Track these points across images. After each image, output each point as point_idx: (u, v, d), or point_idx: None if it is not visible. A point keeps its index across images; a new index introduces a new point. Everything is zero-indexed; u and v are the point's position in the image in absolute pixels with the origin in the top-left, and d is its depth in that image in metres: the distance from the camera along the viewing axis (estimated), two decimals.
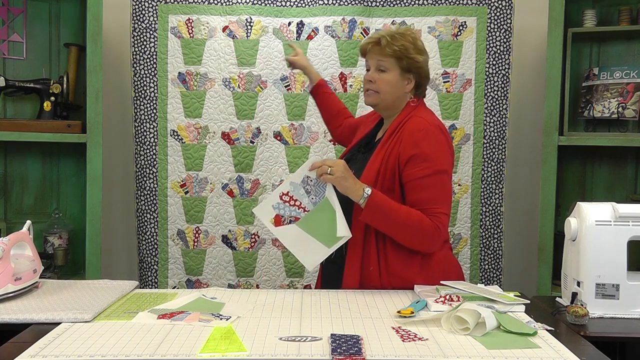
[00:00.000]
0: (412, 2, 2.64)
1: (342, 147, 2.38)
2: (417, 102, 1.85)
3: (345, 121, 2.20)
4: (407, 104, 1.84)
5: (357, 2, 2.62)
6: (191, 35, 2.63)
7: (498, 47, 2.63)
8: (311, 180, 1.72)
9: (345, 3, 2.62)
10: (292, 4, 2.64)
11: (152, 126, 2.64)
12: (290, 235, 1.72)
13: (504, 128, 2.65)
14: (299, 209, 1.72)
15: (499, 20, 2.62)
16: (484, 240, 2.68)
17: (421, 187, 1.71)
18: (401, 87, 1.82)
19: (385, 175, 1.74)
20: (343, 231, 1.70)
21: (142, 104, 2.63)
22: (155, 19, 2.62)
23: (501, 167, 2.66)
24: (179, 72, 2.64)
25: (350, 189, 1.68)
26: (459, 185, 2.67)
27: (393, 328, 1.36)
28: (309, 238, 1.72)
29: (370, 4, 2.64)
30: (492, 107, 2.65)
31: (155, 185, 2.65)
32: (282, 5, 2.64)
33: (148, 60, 2.63)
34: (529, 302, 1.56)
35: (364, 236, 1.75)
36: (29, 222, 1.71)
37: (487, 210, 2.67)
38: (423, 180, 1.71)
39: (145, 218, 2.66)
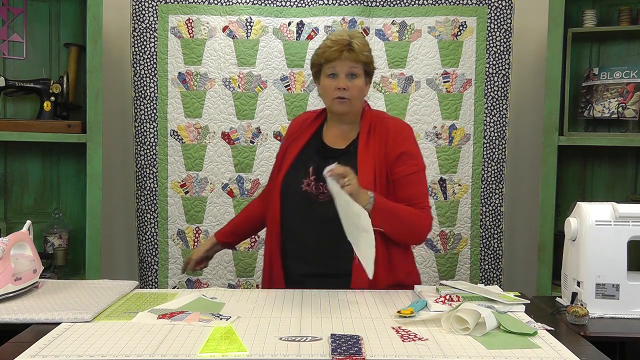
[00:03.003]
0: (412, 2, 2.64)
1: None
2: (366, 104, 1.91)
3: (260, 202, 2.05)
4: (363, 107, 1.89)
5: (357, 2, 2.62)
6: (191, 35, 2.63)
7: (498, 47, 2.63)
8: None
9: (345, 3, 2.62)
10: (292, 4, 2.64)
11: (152, 126, 2.64)
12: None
13: (504, 128, 2.65)
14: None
15: (499, 20, 2.62)
16: (484, 240, 2.68)
17: (411, 183, 1.81)
18: (365, 92, 1.86)
19: (381, 177, 1.78)
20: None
21: (142, 104, 2.63)
22: (155, 19, 2.62)
23: (501, 167, 2.66)
24: (179, 72, 2.64)
25: (362, 195, 1.66)
26: (459, 185, 2.67)
27: (393, 328, 1.36)
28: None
29: (370, 4, 2.64)
30: (492, 107, 2.65)
31: (155, 185, 2.65)
32: (282, 5, 2.64)
33: (148, 60, 2.63)
34: (529, 302, 1.56)
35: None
36: (29, 222, 1.71)
37: (487, 210, 2.67)
38: (412, 177, 1.81)
39: (145, 218, 2.66)
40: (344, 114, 1.83)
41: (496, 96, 2.64)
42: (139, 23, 2.61)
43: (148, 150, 2.65)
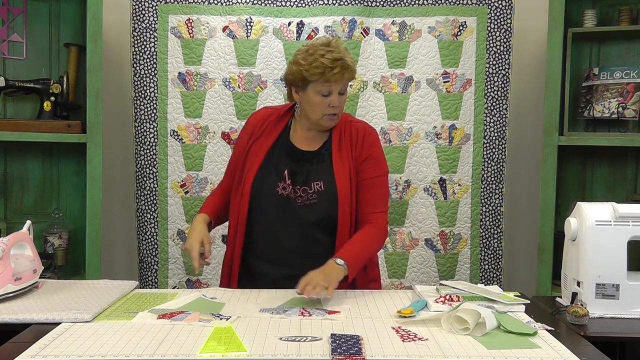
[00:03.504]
0: (412, 2, 2.64)
1: None
2: None
3: (222, 195, 1.97)
4: None
5: (357, 2, 2.62)
6: (191, 35, 2.63)
7: (498, 47, 2.63)
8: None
9: (345, 3, 2.62)
10: (292, 4, 2.64)
11: (152, 126, 2.64)
12: None
13: (504, 128, 2.65)
14: None
15: (499, 20, 2.62)
16: (484, 240, 2.68)
17: (374, 186, 1.84)
18: None
19: (354, 180, 1.82)
20: None
21: (142, 104, 2.63)
22: (155, 19, 2.62)
23: (501, 167, 2.66)
24: (179, 72, 2.64)
25: (337, 274, 1.63)
26: (459, 185, 2.67)
27: (393, 328, 1.36)
28: None
29: (370, 4, 2.64)
30: (492, 107, 2.65)
31: (155, 185, 2.65)
32: (282, 5, 2.64)
33: (148, 60, 2.63)
34: (529, 302, 1.57)
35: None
36: (29, 222, 1.71)
37: (487, 210, 2.67)
38: (376, 180, 1.84)
39: (145, 218, 2.66)
40: (330, 127, 1.84)
41: (496, 96, 2.64)
42: (139, 23, 2.61)
43: (148, 151, 2.65)
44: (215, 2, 2.63)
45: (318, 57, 1.72)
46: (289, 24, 2.64)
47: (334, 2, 2.62)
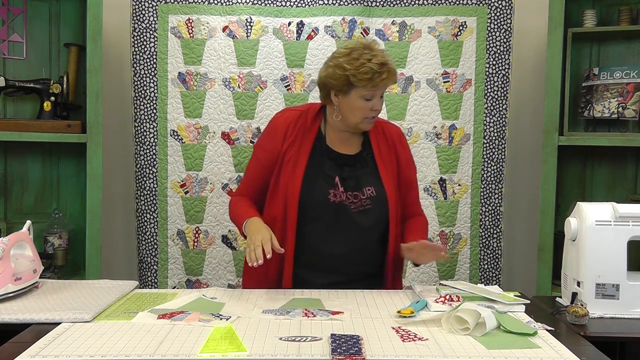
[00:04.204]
0: (412, 2, 2.64)
1: None
2: None
3: (258, 195, 1.89)
4: None
5: (357, 2, 2.62)
6: (191, 35, 2.63)
7: (498, 47, 2.63)
8: None
9: (345, 3, 2.62)
10: (292, 4, 2.64)
11: (152, 126, 2.64)
12: None
13: (504, 128, 2.65)
14: None
15: (499, 21, 2.62)
16: (483, 240, 2.68)
17: (415, 186, 1.96)
18: None
19: (397, 182, 1.87)
20: None
21: (142, 104, 2.63)
22: (155, 19, 2.62)
23: (501, 167, 2.66)
24: (179, 72, 2.64)
25: None
26: (459, 185, 2.67)
27: (393, 328, 1.36)
28: None
29: (370, 4, 2.64)
30: (492, 107, 2.65)
31: (155, 185, 2.65)
32: (282, 5, 2.64)
33: (148, 60, 2.63)
34: (529, 302, 1.57)
35: (395, 245, 1.84)
36: (29, 222, 1.71)
37: (487, 210, 2.67)
38: (415, 180, 1.97)
39: (145, 218, 2.66)
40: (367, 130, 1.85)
41: (496, 96, 2.64)
42: (139, 23, 2.61)
43: (148, 150, 2.65)
44: (215, 2, 2.63)
45: (365, 62, 1.69)
46: (289, 24, 2.64)
47: (334, 2, 2.62)
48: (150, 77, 2.63)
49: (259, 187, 1.87)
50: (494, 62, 2.64)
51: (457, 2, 2.64)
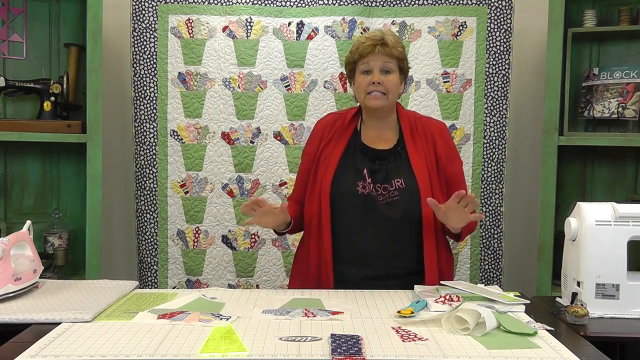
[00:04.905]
0: (412, 2, 2.64)
1: None
2: (398, 104, 1.94)
3: (299, 205, 1.94)
4: (397, 106, 1.92)
5: (357, 2, 2.62)
6: (191, 35, 2.63)
7: (498, 47, 2.63)
8: None
9: (345, 3, 2.62)
10: (292, 4, 2.64)
11: (152, 126, 2.64)
12: None
13: (504, 128, 2.65)
14: None
15: (499, 21, 2.62)
16: (484, 240, 2.68)
17: (462, 179, 1.92)
18: (400, 89, 1.88)
19: (434, 175, 1.83)
20: None
21: (142, 104, 2.63)
22: (155, 19, 2.62)
23: (501, 167, 2.66)
24: (179, 72, 2.64)
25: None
26: None
27: (393, 328, 1.36)
28: None
29: (370, 4, 2.64)
30: (492, 107, 2.65)
31: (155, 186, 2.65)
32: (282, 5, 2.64)
33: (148, 60, 2.63)
34: (529, 302, 1.56)
35: (435, 241, 1.82)
36: (29, 222, 1.71)
37: (487, 210, 2.67)
38: (462, 174, 1.93)
39: (145, 218, 2.66)
40: (377, 108, 1.82)
41: (496, 96, 2.64)
42: (139, 23, 2.61)
43: (148, 151, 2.64)
44: (215, 2, 2.63)
45: (358, 39, 1.87)
46: (289, 24, 2.64)
47: (334, 2, 2.62)
48: (150, 77, 2.63)
49: (304, 191, 1.93)
50: (494, 62, 2.64)
51: (457, 2, 2.64)
